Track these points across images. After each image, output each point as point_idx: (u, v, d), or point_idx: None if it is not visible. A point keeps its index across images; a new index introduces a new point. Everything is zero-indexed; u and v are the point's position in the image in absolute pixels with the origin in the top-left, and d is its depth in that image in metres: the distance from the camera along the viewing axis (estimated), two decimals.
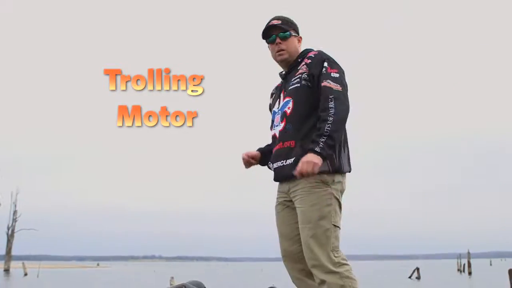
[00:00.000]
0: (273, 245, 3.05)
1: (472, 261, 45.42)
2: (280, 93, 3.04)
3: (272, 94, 3.23)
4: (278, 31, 2.98)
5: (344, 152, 2.89)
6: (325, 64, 2.85)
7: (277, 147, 2.95)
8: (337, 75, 2.83)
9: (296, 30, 3.06)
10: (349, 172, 2.92)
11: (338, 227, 2.80)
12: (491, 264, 78.70)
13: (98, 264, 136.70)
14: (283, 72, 3.10)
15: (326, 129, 2.70)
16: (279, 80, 3.22)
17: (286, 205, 2.94)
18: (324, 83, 2.80)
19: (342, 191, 2.86)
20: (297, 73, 2.94)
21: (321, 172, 2.77)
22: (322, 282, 2.70)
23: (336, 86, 2.79)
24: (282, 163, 2.90)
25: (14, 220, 61.99)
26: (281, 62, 3.07)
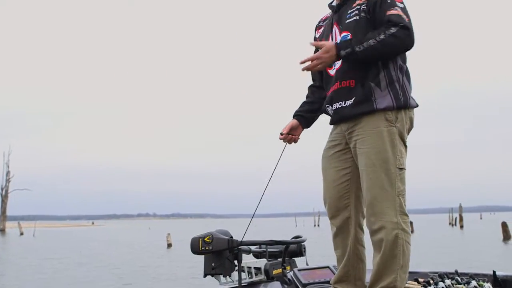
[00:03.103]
0: (263, 202, 2.86)
1: (463, 215, 46.11)
2: (332, 26, 2.72)
3: (318, 27, 2.90)
4: None
5: (410, 85, 2.63)
6: None
7: (334, 87, 2.66)
8: (402, 5, 2.54)
9: None
10: (417, 106, 2.64)
11: (403, 169, 2.56)
12: (481, 218, 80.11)
13: (93, 223, 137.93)
14: (334, 4, 2.78)
15: (373, 41, 2.45)
16: (323, 12, 2.89)
17: (337, 149, 2.70)
18: (392, 11, 2.48)
19: (409, 130, 2.62)
20: (354, 5, 2.62)
21: (384, 109, 2.53)
22: (379, 229, 2.49)
23: (406, 16, 2.49)
24: (340, 104, 2.63)
25: (7, 180, 62.01)
26: None
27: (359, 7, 2.60)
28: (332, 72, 2.70)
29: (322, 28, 2.85)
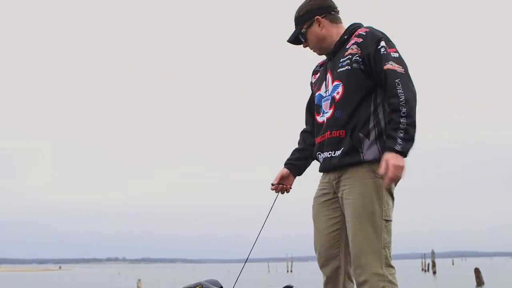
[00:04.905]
0: (235, 247, 2.77)
1: (435, 260, 46.23)
2: (326, 74, 2.75)
3: (315, 72, 2.93)
4: (296, 36, 2.79)
5: None
6: (382, 43, 2.56)
7: (325, 135, 2.67)
8: (397, 54, 2.56)
9: (309, 16, 2.75)
10: (404, 157, 2.60)
11: (390, 220, 2.56)
12: (453, 264, 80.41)
13: (60, 267, 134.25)
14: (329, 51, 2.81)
15: (402, 122, 2.43)
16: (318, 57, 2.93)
17: (327, 198, 2.69)
18: (387, 66, 2.50)
19: (397, 181, 2.58)
20: (347, 53, 2.64)
21: (371, 161, 2.54)
22: (364, 282, 2.48)
23: (400, 68, 2.51)
24: (330, 154, 2.63)
25: None
26: (321, 54, 2.83)
27: (351, 56, 2.63)
28: (321, 119, 2.73)
29: (319, 74, 2.88)
